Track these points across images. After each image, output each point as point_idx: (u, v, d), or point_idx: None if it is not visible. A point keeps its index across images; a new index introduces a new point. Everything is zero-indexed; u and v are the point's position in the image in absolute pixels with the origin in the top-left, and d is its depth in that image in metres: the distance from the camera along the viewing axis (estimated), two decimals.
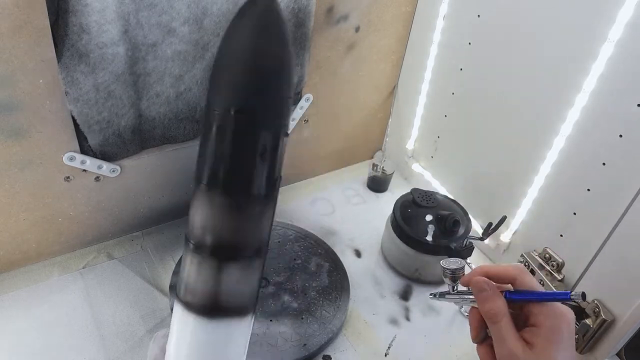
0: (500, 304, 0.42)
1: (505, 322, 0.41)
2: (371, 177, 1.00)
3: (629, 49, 0.59)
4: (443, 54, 0.87)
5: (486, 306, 0.43)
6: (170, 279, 0.71)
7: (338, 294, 0.74)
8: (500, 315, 0.42)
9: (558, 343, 0.40)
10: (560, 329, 0.41)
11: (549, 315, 0.41)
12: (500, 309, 0.42)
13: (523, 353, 0.40)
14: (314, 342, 0.67)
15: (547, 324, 0.41)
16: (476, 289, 0.44)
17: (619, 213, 0.63)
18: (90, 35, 0.59)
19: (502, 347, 0.41)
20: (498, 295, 0.43)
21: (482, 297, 0.43)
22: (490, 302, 0.42)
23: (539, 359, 0.40)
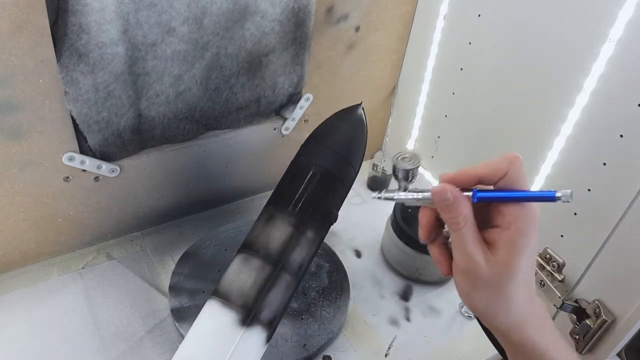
0: (464, 210, 0.38)
1: (468, 227, 0.38)
2: (371, 177, 1.00)
3: (630, 48, 0.59)
4: (443, 54, 0.87)
5: (448, 214, 0.38)
6: (170, 279, 0.71)
7: (338, 295, 0.74)
8: (463, 222, 0.38)
9: (523, 250, 0.37)
10: (528, 232, 0.37)
11: (518, 216, 0.37)
12: (464, 216, 0.38)
13: (484, 260, 0.37)
14: (313, 342, 0.67)
15: (515, 227, 0.37)
16: (438, 198, 0.39)
17: (619, 213, 0.63)
18: (89, 35, 0.59)
19: (461, 253, 0.38)
20: (462, 202, 0.38)
21: (445, 206, 0.38)
22: (452, 211, 0.38)
23: (501, 267, 0.37)
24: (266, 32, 0.74)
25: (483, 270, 0.37)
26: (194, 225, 0.85)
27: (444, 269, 0.42)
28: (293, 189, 0.55)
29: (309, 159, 0.57)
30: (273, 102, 0.84)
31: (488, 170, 0.39)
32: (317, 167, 0.55)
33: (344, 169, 0.57)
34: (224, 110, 0.80)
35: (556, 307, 0.72)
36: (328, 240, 0.86)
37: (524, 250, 0.37)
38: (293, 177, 0.56)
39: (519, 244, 0.36)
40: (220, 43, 0.72)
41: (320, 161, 0.56)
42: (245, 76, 0.78)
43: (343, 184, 0.58)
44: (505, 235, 0.37)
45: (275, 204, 0.55)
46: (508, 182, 0.38)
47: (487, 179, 0.39)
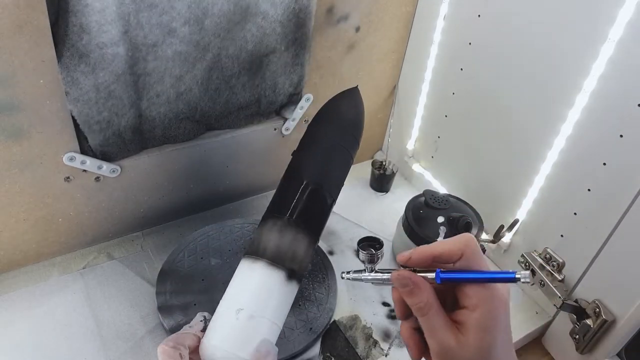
0: (425, 296, 0.38)
1: (433, 313, 0.38)
2: (375, 177, 1.00)
3: (630, 48, 0.59)
4: (443, 54, 0.87)
5: (410, 300, 0.39)
6: (156, 300, 0.70)
7: (324, 275, 0.76)
8: (426, 308, 0.38)
9: (494, 329, 0.36)
10: (496, 313, 0.37)
11: (483, 298, 0.37)
12: (426, 302, 0.38)
13: (456, 344, 0.37)
14: (318, 324, 0.69)
15: (482, 308, 0.37)
16: (398, 284, 0.40)
17: (619, 213, 0.63)
18: (90, 35, 0.59)
19: (433, 339, 0.38)
20: (423, 288, 0.38)
21: (406, 292, 0.39)
22: (414, 296, 0.39)
23: (474, 349, 0.36)
24: (267, 33, 0.74)
25: (457, 353, 0.37)
26: (194, 225, 0.85)
27: (413, 353, 0.42)
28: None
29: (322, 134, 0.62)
30: (273, 102, 0.84)
31: (444, 249, 0.39)
32: (330, 142, 0.61)
33: (351, 142, 0.63)
34: (225, 110, 0.80)
35: (556, 307, 0.72)
36: (328, 240, 0.87)
37: (495, 331, 0.37)
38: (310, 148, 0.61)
39: (488, 326, 0.36)
40: (221, 44, 0.72)
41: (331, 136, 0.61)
42: (246, 76, 0.78)
43: (351, 156, 0.64)
44: (473, 317, 0.37)
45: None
46: (466, 262, 0.38)
47: (443, 258, 0.39)
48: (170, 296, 0.70)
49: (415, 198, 0.83)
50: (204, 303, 0.69)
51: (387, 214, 0.93)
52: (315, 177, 0.57)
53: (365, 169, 1.03)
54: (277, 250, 0.52)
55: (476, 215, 0.81)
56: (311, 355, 0.67)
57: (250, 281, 0.50)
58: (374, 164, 1.00)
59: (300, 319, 0.69)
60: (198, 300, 0.70)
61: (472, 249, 0.39)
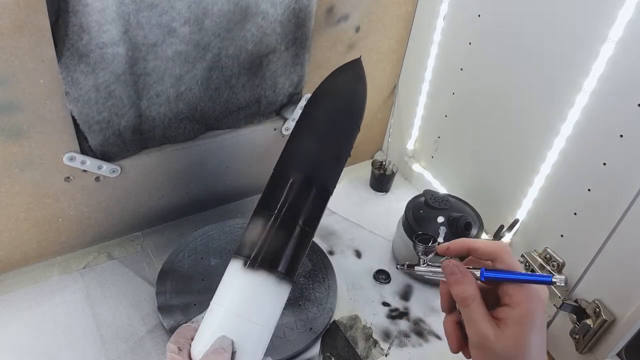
0: (470, 287, 0.41)
1: (475, 305, 0.41)
2: (375, 177, 1.00)
3: (630, 48, 0.59)
4: (443, 54, 0.87)
5: (456, 289, 0.42)
6: (156, 300, 0.70)
7: (324, 275, 0.76)
8: (470, 299, 0.41)
9: (532, 325, 0.39)
10: (534, 312, 0.40)
11: (524, 297, 0.40)
12: (470, 293, 0.41)
13: (494, 335, 0.39)
14: (318, 324, 0.69)
15: (521, 305, 0.40)
16: (447, 271, 0.43)
17: (619, 213, 0.63)
18: (90, 35, 0.59)
19: (472, 330, 0.41)
20: (469, 279, 0.42)
21: (452, 280, 0.42)
22: (460, 285, 0.42)
23: (511, 342, 0.39)
24: (267, 33, 0.74)
25: (494, 345, 0.39)
26: (195, 225, 0.85)
27: (453, 346, 0.45)
28: None
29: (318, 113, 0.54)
30: (273, 102, 0.84)
31: (481, 245, 0.44)
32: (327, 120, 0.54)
33: (350, 125, 0.56)
34: (225, 110, 0.80)
35: (556, 306, 0.72)
36: (328, 240, 0.87)
37: (532, 326, 0.39)
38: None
39: (527, 321, 0.39)
40: (221, 44, 0.72)
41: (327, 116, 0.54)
42: (246, 76, 0.78)
43: (350, 141, 0.56)
44: (513, 313, 0.40)
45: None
46: (503, 265, 0.42)
47: (479, 252, 0.43)
48: (171, 296, 0.70)
49: (415, 198, 0.83)
50: (204, 303, 0.69)
51: (387, 214, 0.93)
52: (306, 169, 0.51)
53: (365, 169, 1.03)
54: (258, 248, 0.47)
55: (476, 215, 0.81)
56: (311, 355, 0.67)
57: (226, 279, 0.48)
58: (374, 164, 1.00)
59: (300, 319, 0.69)
60: (198, 300, 0.70)
61: (507, 252, 0.42)
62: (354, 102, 0.56)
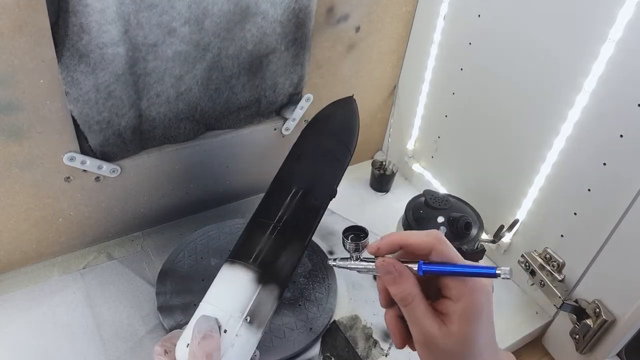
0: (409, 285, 0.39)
1: (416, 302, 0.38)
2: (375, 177, 1.00)
3: (630, 48, 0.59)
4: (443, 54, 0.87)
5: (393, 289, 0.39)
6: (156, 300, 0.70)
7: (324, 275, 0.76)
8: (410, 298, 0.38)
9: (478, 319, 0.37)
10: (479, 303, 0.37)
11: (466, 289, 0.37)
12: (410, 292, 0.38)
13: (439, 332, 0.37)
14: (318, 324, 0.69)
15: (465, 299, 0.37)
16: (381, 271, 0.40)
17: (619, 213, 0.63)
18: (90, 35, 0.59)
19: (416, 328, 0.38)
20: (406, 277, 0.39)
21: (389, 279, 0.40)
22: (397, 285, 0.39)
23: (457, 338, 0.37)
24: (267, 33, 0.74)
25: (440, 341, 0.37)
26: (195, 225, 0.85)
27: (397, 341, 0.42)
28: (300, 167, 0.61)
29: (313, 141, 0.63)
30: (273, 102, 0.84)
31: (413, 240, 0.40)
32: (319, 149, 0.61)
33: (343, 150, 0.63)
34: (225, 110, 0.80)
35: (556, 307, 0.72)
36: (328, 240, 0.87)
37: (478, 320, 0.37)
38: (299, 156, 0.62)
39: (471, 316, 0.37)
40: (221, 44, 0.72)
41: (322, 143, 0.62)
42: (246, 76, 0.78)
43: (341, 163, 0.62)
44: (456, 307, 0.37)
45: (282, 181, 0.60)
46: (440, 257, 0.39)
47: (412, 247, 0.40)
48: (170, 296, 0.70)
49: (415, 198, 0.83)
50: None
51: (387, 214, 0.93)
52: (304, 184, 0.57)
53: (365, 169, 1.03)
54: (256, 254, 0.52)
55: (476, 215, 0.81)
56: (311, 355, 0.67)
57: (218, 278, 0.52)
58: (374, 164, 1.00)
59: (300, 319, 0.69)
60: (198, 300, 0.69)
61: (442, 242, 0.39)
62: (349, 132, 0.64)
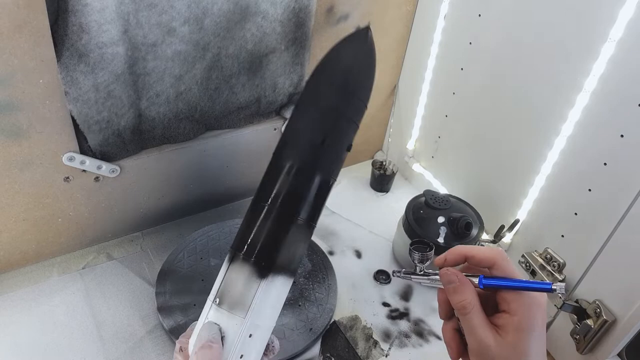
0: (469, 295, 0.41)
1: (475, 312, 0.40)
2: (375, 177, 1.00)
3: (630, 48, 0.59)
4: (444, 54, 0.87)
5: (454, 298, 0.41)
6: (156, 300, 0.70)
7: (324, 275, 0.76)
8: (469, 307, 0.41)
9: (532, 332, 0.39)
10: (534, 318, 0.39)
11: (523, 303, 0.40)
12: (469, 301, 0.41)
13: (495, 343, 0.39)
14: (318, 324, 0.69)
15: (521, 313, 0.39)
16: (444, 280, 0.43)
17: (620, 213, 0.63)
18: (90, 35, 0.59)
19: (472, 337, 0.40)
20: (467, 287, 0.41)
21: (451, 289, 0.42)
22: (458, 294, 0.41)
23: (511, 349, 0.39)
24: (267, 33, 0.74)
25: (494, 351, 0.39)
26: (194, 225, 0.85)
27: (452, 353, 0.44)
28: None
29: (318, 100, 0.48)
30: (273, 102, 0.84)
31: (477, 252, 0.43)
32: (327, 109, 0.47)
33: (356, 106, 0.49)
34: (225, 110, 0.80)
35: (557, 307, 0.72)
36: (328, 240, 0.86)
37: (532, 333, 0.39)
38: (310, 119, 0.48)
39: (526, 328, 0.39)
40: (221, 43, 0.72)
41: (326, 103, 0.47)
42: (246, 76, 0.78)
43: (355, 123, 0.49)
44: (512, 320, 0.40)
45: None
46: (501, 271, 0.42)
47: (475, 260, 0.43)
48: (170, 296, 0.70)
49: (415, 198, 0.83)
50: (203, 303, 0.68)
51: (388, 214, 0.93)
52: (305, 156, 0.45)
53: (366, 169, 1.03)
54: (251, 242, 0.44)
55: (477, 215, 0.81)
56: (311, 355, 0.67)
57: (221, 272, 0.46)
58: (374, 164, 1.00)
59: (300, 319, 0.69)
60: (198, 300, 0.70)
61: (504, 259, 0.42)
62: (361, 79, 0.50)
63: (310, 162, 0.45)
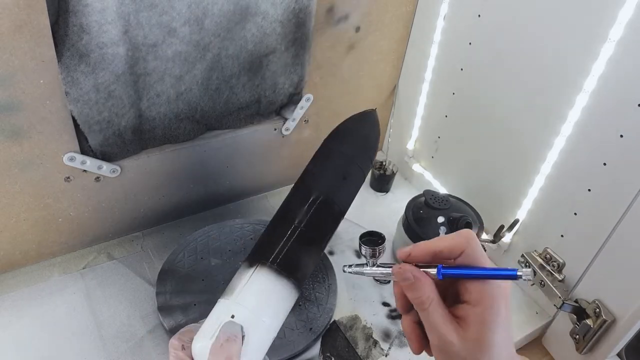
0: (427, 290, 0.39)
1: (434, 307, 0.38)
2: (375, 177, 1.00)
3: (630, 48, 0.59)
4: (443, 54, 0.87)
5: (411, 294, 0.39)
6: (156, 300, 0.70)
7: (324, 275, 0.76)
8: (427, 302, 0.38)
9: (495, 325, 0.37)
10: (497, 308, 0.37)
11: (485, 293, 0.37)
12: (427, 296, 0.38)
13: (457, 338, 0.37)
14: (318, 324, 0.69)
15: (484, 303, 0.37)
16: (399, 277, 0.40)
17: (619, 213, 0.63)
18: (90, 35, 0.59)
19: (433, 334, 0.38)
20: (424, 282, 0.39)
21: (407, 286, 0.40)
22: (415, 290, 0.39)
23: (475, 343, 0.37)
24: (267, 33, 0.74)
25: (457, 347, 0.37)
26: (195, 225, 0.85)
27: (414, 347, 0.42)
28: None
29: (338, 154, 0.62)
30: (273, 102, 0.84)
31: (445, 245, 0.40)
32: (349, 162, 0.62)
33: (367, 163, 0.63)
34: (225, 110, 0.80)
35: (556, 307, 0.72)
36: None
37: (495, 326, 0.37)
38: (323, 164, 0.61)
39: (489, 320, 0.37)
40: (221, 44, 0.72)
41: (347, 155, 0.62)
42: (246, 76, 0.78)
43: (364, 175, 0.63)
44: (474, 312, 0.37)
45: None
46: (467, 259, 0.39)
47: (444, 254, 0.40)
48: (170, 296, 0.70)
49: (415, 198, 0.83)
50: (204, 303, 0.69)
51: (387, 214, 0.93)
52: (327, 190, 0.57)
53: None
54: (283, 257, 0.50)
55: (476, 215, 0.81)
56: (311, 355, 0.67)
57: (239, 278, 0.48)
58: (374, 164, 1.00)
59: (300, 319, 0.69)
60: (198, 300, 0.70)
61: (472, 245, 0.39)
62: (372, 144, 0.66)
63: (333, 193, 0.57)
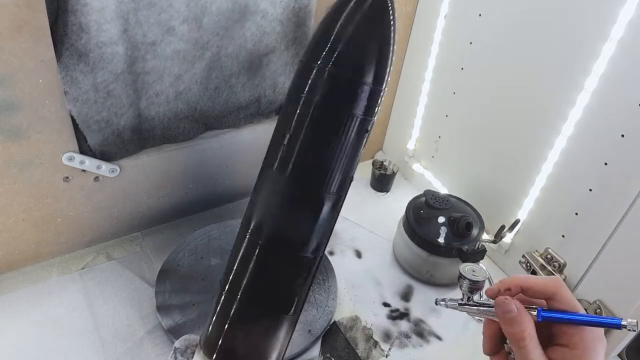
0: (529, 326, 0.38)
1: (533, 346, 0.38)
2: (375, 176, 1.00)
3: (631, 47, 0.59)
4: (444, 54, 0.87)
5: (512, 328, 0.38)
6: (155, 299, 0.70)
7: (325, 277, 0.76)
8: (528, 339, 0.38)
9: None
10: (597, 353, 0.37)
11: (584, 338, 0.37)
12: (528, 333, 0.38)
13: None
14: (317, 326, 0.69)
15: (582, 347, 0.37)
16: (501, 309, 0.39)
17: (621, 213, 0.63)
18: (89, 34, 0.59)
19: None
20: (526, 318, 0.38)
21: (508, 318, 0.39)
22: (517, 324, 0.38)
23: None
24: (267, 32, 0.74)
25: None
26: (194, 225, 0.84)
27: None
28: None
29: None
30: (273, 101, 0.84)
31: (535, 284, 0.40)
32: None
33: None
34: (224, 109, 0.80)
35: None
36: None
37: None
38: None
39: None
40: (220, 43, 0.72)
41: None
42: (246, 76, 0.78)
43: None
44: (572, 355, 0.37)
45: None
46: (562, 304, 0.39)
47: (532, 291, 0.40)
48: (170, 296, 0.70)
49: (415, 198, 0.83)
50: (203, 303, 0.69)
51: (388, 214, 0.93)
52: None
53: (366, 168, 1.03)
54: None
55: (477, 215, 0.81)
56: (311, 356, 0.67)
57: None
58: (374, 164, 1.00)
59: (299, 320, 0.69)
60: (197, 300, 0.70)
61: (565, 290, 0.39)
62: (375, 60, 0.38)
63: None
